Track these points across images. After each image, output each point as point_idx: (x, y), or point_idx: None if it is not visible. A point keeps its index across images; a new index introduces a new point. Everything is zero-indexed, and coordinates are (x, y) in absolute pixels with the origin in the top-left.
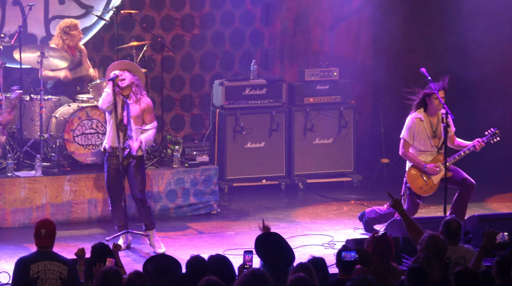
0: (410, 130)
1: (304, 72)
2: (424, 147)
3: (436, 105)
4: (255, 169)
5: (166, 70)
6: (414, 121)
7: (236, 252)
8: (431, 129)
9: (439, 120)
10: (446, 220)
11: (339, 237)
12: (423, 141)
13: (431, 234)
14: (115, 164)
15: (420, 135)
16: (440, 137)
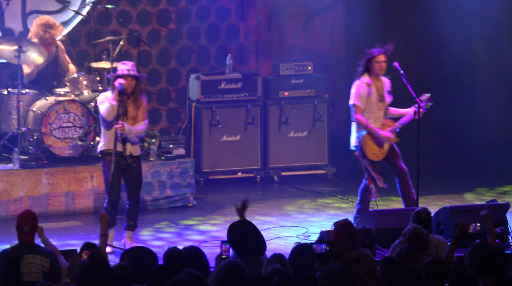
0: (360, 95)
1: (279, 67)
2: (373, 111)
3: (378, 69)
4: (230, 162)
5: (142, 64)
6: (363, 86)
7: (212, 244)
8: (378, 93)
9: (383, 85)
10: (416, 211)
11: (314, 229)
12: (372, 106)
13: (414, 227)
14: (115, 162)
15: (370, 99)
16: (385, 101)
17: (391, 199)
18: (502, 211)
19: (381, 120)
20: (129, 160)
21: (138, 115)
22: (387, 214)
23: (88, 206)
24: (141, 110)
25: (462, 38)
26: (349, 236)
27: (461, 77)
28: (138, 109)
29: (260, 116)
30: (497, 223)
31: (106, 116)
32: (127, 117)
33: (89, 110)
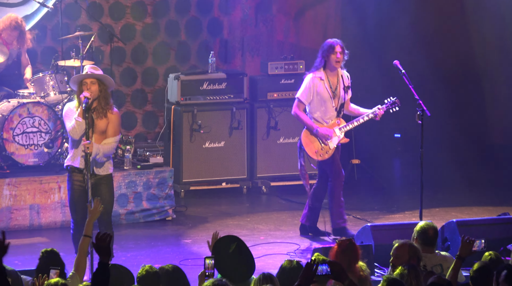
0: (308, 91)
1: (267, 65)
2: (325, 108)
3: (334, 61)
4: (214, 171)
5: (115, 62)
6: (314, 80)
7: (194, 262)
8: (331, 89)
9: (338, 80)
10: (422, 226)
11: (306, 245)
12: (325, 102)
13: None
14: (80, 180)
15: (321, 95)
16: (339, 98)
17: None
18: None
19: (333, 119)
20: (96, 179)
21: (108, 130)
22: (387, 228)
23: (55, 220)
24: (112, 125)
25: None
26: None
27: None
28: (108, 123)
29: (247, 120)
30: (510, 238)
31: (72, 135)
32: (94, 131)
33: (56, 113)
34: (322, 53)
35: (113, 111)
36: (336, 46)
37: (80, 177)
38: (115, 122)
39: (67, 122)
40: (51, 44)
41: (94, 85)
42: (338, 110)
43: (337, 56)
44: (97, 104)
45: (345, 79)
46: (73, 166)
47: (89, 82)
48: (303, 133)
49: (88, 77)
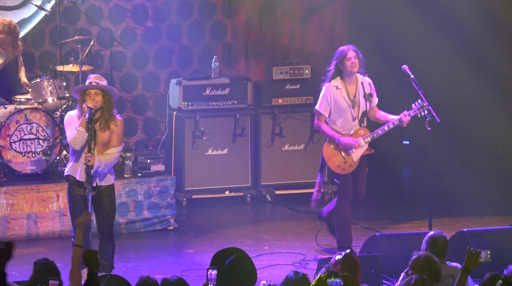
0: (325, 100)
1: (272, 70)
2: (345, 118)
3: (350, 67)
4: (217, 179)
5: (115, 67)
6: (330, 89)
7: (196, 273)
8: (349, 98)
9: (357, 88)
10: (431, 236)
11: (312, 255)
12: (344, 112)
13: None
14: (81, 193)
15: (339, 105)
16: (360, 106)
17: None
18: None
19: (355, 128)
20: (97, 190)
21: (111, 140)
22: (395, 238)
23: (53, 229)
24: (115, 135)
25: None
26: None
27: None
28: (111, 133)
29: (251, 126)
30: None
31: (73, 145)
32: (96, 143)
33: (54, 120)
34: (336, 61)
35: (116, 120)
36: (348, 52)
37: (82, 191)
38: (119, 132)
39: (67, 132)
40: (49, 49)
41: (98, 96)
42: (360, 119)
43: (351, 61)
44: (100, 115)
45: (366, 86)
46: (74, 177)
47: (93, 93)
48: (325, 146)
49: (93, 88)
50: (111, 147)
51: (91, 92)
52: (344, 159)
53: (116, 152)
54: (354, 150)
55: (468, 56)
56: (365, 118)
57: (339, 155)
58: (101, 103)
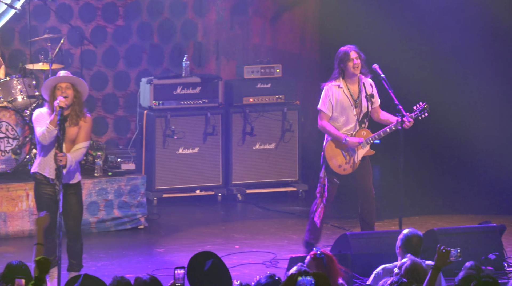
0: (327, 100)
1: (243, 69)
2: (346, 117)
3: (352, 68)
4: (188, 178)
5: (86, 66)
6: (332, 88)
7: (167, 272)
8: (352, 97)
9: (360, 89)
10: (406, 235)
11: (283, 254)
12: (345, 111)
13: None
14: (49, 192)
15: (341, 103)
16: (362, 107)
17: None
18: (497, 234)
19: (356, 129)
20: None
21: (79, 135)
22: (366, 237)
23: (22, 229)
24: (83, 130)
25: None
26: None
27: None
28: (79, 129)
29: (222, 125)
30: (491, 247)
31: (41, 140)
32: (64, 140)
33: (24, 119)
34: (338, 62)
35: (86, 117)
36: (351, 53)
37: (50, 189)
38: (87, 128)
39: (37, 128)
40: (19, 47)
41: (69, 90)
42: (361, 120)
43: (354, 62)
44: (71, 111)
45: (367, 87)
46: (42, 175)
47: (64, 86)
48: (327, 146)
49: (63, 81)
50: (78, 142)
51: (62, 86)
52: (346, 160)
53: (83, 146)
54: (357, 150)
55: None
56: (366, 120)
57: (341, 155)
58: (72, 98)
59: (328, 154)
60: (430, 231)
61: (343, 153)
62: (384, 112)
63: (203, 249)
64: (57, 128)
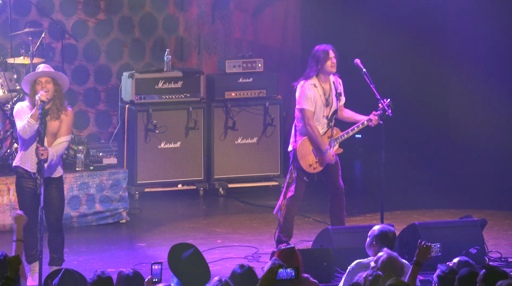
0: (307, 98)
1: (225, 63)
2: (317, 117)
3: (330, 67)
4: (169, 172)
5: (67, 60)
6: (308, 87)
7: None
8: (324, 97)
9: (331, 87)
10: (382, 230)
11: (265, 249)
12: (318, 110)
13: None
14: (31, 186)
15: (315, 103)
16: (332, 106)
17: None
18: (478, 228)
19: (324, 128)
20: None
21: (60, 129)
22: (348, 231)
23: (3, 223)
24: (65, 124)
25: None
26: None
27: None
28: (61, 123)
29: (203, 120)
30: (472, 241)
31: (22, 134)
32: (46, 134)
33: (5, 113)
34: (317, 60)
35: (67, 111)
36: (330, 51)
37: (31, 183)
38: (68, 122)
39: (18, 122)
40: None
41: (49, 84)
42: (329, 118)
43: (333, 61)
44: (51, 105)
45: (337, 85)
46: (23, 169)
47: (44, 81)
48: (300, 144)
49: (43, 75)
50: (60, 136)
51: (42, 81)
52: (317, 159)
53: (65, 140)
54: None
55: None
56: (334, 118)
57: (312, 154)
58: (52, 92)
59: (300, 152)
60: (411, 225)
61: (314, 152)
62: (347, 110)
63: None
64: (38, 123)
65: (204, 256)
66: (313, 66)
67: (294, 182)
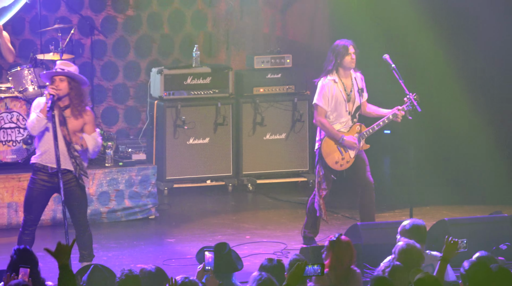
0: (324, 95)
1: (253, 59)
2: (339, 112)
3: (349, 62)
4: (198, 168)
5: (96, 56)
6: (329, 84)
7: (177, 262)
8: (345, 92)
9: (352, 83)
10: (414, 225)
11: (293, 244)
12: (339, 106)
13: (406, 243)
14: (44, 180)
15: (336, 99)
16: (354, 101)
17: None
18: (508, 224)
19: (349, 123)
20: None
21: (86, 130)
22: (376, 227)
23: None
24: (89, 123)
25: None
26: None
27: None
28: (85, 124)
29: (232, 116)
30: (502, 237)
31: (30, 129)
32: (69, 132)
33: None
34: (336, 54)
35: (86, 111)
36: (349, 47)
37: (45, 177)
38: (91, 121)
39: (31, 115)
40: (29, 37)
41: (63, 82)
42: (353, 114)
43: (352, 57)
44: (69, 102)
45: (358, 81)
46: (41, 164)
47: (58, 79)
48: (324, 143)
49: (58, 74)
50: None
51: (56, 79)
52: (342, 156)
53: (96, 136)
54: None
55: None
56: (357, 114)
57: (337, 151)
58: (67, 90)
59: (324, 150)
60: (441, 221)
61: (339, 149)
62: (371, 105)
63: (214, 239)
64: (47, 118)
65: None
66: (332, 61)
67: (323, 180)
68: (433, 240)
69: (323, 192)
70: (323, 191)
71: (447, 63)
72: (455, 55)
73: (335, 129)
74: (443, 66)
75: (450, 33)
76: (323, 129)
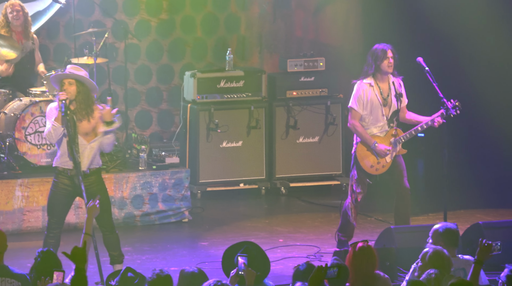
0: (359, 98)
1: (286, 62)
2: (375, 116)
3: (387, 67)
4: (231, 172)
5: (130, 60)
6: (364, 87)
7: (211, 265)
8: (381, 96)
9: (390, 87)
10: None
11: (327, 248)
12: (374, 110)
13: (434, 249)
14: (66, 184)
15: (371, 102)
16: (391, 106)
17: None
18: None
19: (385, 127)
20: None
21: (99, 129)
22: (410, 230)
23: (68, 222)
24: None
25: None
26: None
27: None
28: (94, 125)
29: (265, 119)
30: None
31: (48, 138)
32: (76, 135)
33: None
34: (374, 59)
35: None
36: (388, 51)
37: (66, 180)
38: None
39: (46, 123)
40: (63, 41)
41: (71, 86)
42: (389, 119)
43: (390, 61)
44: (76, 105)
45: (397, 85)
46: (63, 167)
47: (67, 82)
48: (358, 146)
49: (66, 77)
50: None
51: (65, 82)
52: (378, 160)
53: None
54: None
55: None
56: (395, 119)
57: (372, 156)
58: (75, 93)
59: (359, 154)
60: (475, 224)
61: (375, 153)
62: (410, 112)
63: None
64: (63, 126)
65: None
66: (371, 64)
67: (358, 183)
68: (467, 243)
69: (358, 195)
70: (358, 195)
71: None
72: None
73: (367, 134)
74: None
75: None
76: (356, 133)
